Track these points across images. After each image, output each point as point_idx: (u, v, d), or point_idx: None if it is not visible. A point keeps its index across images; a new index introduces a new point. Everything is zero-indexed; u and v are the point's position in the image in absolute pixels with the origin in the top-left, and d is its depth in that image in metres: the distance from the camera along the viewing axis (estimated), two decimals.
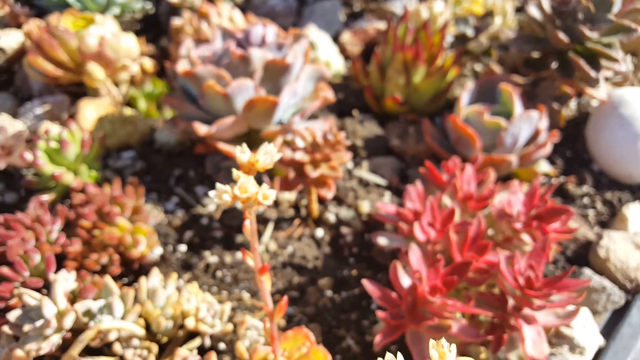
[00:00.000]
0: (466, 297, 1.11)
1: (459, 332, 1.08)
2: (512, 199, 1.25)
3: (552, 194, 1.67)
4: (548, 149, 1.61)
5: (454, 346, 0.60)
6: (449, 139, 1.71)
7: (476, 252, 1.16)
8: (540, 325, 1.11)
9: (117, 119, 1.64)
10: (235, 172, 0.78)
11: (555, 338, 1.27)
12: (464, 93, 1.66)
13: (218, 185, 0.76)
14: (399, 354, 0.61)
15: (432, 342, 0.58)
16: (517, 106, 1.61)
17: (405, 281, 1.10)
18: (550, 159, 1.76)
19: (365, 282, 1.10)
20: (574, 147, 1.83)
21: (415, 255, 1.09)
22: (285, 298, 0.94)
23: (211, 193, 0.76)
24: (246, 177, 0.78)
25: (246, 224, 0.86)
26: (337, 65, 1.96)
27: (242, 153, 0.80)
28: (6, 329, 1.11)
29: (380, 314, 1.06)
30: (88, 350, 1.15)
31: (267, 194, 0.78)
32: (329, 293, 1.33)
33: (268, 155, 0.80)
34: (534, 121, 1.58)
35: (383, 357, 1.23)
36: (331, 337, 1.25)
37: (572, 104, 1.97)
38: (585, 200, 1.65)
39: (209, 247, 1.40)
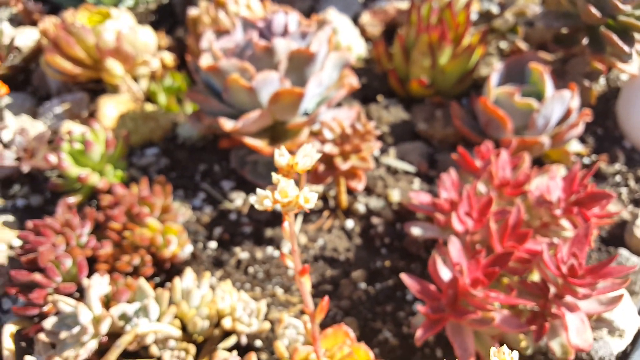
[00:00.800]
0: (507, 287, 1.09)
1: (501, 323, 1.05)
2: (550, 185, 1.21)
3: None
4: (580, 129, 1.56)
5: (515, 354, 0.57)
6: (478, 122, 1.67)
7: (516, 241, 1.13)
8: (584, 312, 1.09)
9: (138, 115, 1.62)
10: (274, 176, 0.76)
11: (595, 322, 1.24)
12: (493, 74, 1.61)
13: (259, 191, 0.73)
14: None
15: (493, 349, 0.55)
16: (549, 86, 1.56)
17: (445, 274, 1.08)
18: (581, 138, 1.71)
19: (404, 276, 1.08)
20: (604, 124, 1.77)
21: (455, 247, 1.06)
22: (326, 299, 0.92)
23: (252, 199, 0.74)
24: (286, 181, 0.75)
25: (285, 226, 0.84)
26: (358, 48, 1.92)
27: (281, 156, 0.78)
28: (42, 336, 1.11)
29: (420, 308, 1.04)
30: (125, 354, 1.14)
31: (308, 197, 0.75)
32: (362, 285, 1.31)
33: (308, 157, 0.77)
34: (566, 101, 1.53)
35: (422, 350, 1.22)
36: (367, 331, 1.23)
37: (601, 79, 1.91)
38: (618, 178, 1.61)
39: (239, 243, 1.38)
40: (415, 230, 1.30)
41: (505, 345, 0.59)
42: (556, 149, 1.62)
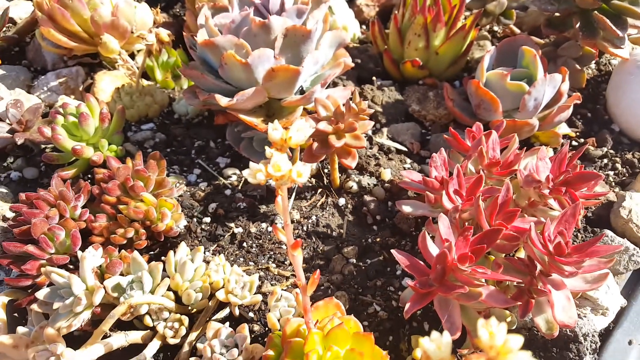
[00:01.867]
0: (495, 264, 1.12)
1: (487, 298, 1.08)
2: (539, 165, 1.24)
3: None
4: (570, 112, 1.58)
5: (503, 325, 0.60)
6: (470, 104, 1.69)
7: (504, 219, 1.15)
8: (569, 290, 1.12)
9: (134, 90, 1.62)
10: (267, 150, 0.77)
11: (579, 300, 1.28)
12: (486, 56, 1.62)
13: (252, 164, 0.75)
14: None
15: (481, 321, 0.57)
16: (540, 69, 1.58)
17: (434, 250, 1.11)
18: (570, 120, 1.74)
19: (394, 252, 1.11)
20: (593, 108, 1.80)
21: (444, 224, 1.09)
22: (317, 272, 0.94)
23: (245, 172, 0.75)
24: (279, 155, 0.77)
25: (278, 200, 0.86)
26: (353, 29, 1.92)
27: (274, 130, 0.79)
28: (35, 307, 1.13)
29: (409, 282, 1.07)
30: (119, 325, 1.16)
31: (301, 172, 0.77)
32: (353, 260, 1.34)
33: (301, 132, 0.79)
34: (557, 84, 1.56)
35: (410, 323, 1.25)
36: (358, 304, 1.26)
37: (592, 64, 1.93)
38: (605, 161, 1.64)
39: (233, 218, 1.40)
40: (406, 208, 1.32)
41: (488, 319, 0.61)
42: (545, 131, 1.65)
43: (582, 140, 1.71)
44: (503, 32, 2.08)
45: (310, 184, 1.51)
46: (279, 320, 1.09)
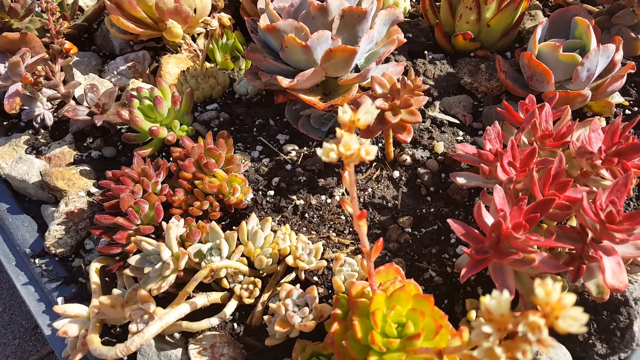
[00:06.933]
0: (547, 231, 1.18)
1: (540, 264, 1.14)
2: (592, 136, 1.27)
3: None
4: (623, 81, 1.59)
5: (558, 284, 0.66)
6: (522, 75, 1.72)
7: (557, 190, 1.20)
8: (620, 256, 1.17)
9: (199, 73, 1.73)
10: (338, 131, 0.85)
11: (630, 266, 1.32)
12: (538, 28, 1.64)
13: (324, 144, 0.83)
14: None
15: (538, 281, 0.62)
16: (593, 39, 1.59)
17: (489, 219, 1.17)
18: (624, 89, 1.74)
19: (450, 221, 1.18)
20: None
21: (499, 195, 1.15)
22: (381, 240, 1.03)
23: (318, 151, 0.84)
24: (349, 135, 0.85)
25: (345, 175, 0.94)
26: (404, 3, 1.96)
27: (344, 113, 0.87)
28: (127, 271, 1.27)
29: (465, 249, 1.14)
30: (200, 286, 1.30)
31: (369, 150, 0.85)
32: (409, 230, 1.42)
33: (369, 114, 0.87)
34: (610, 54, 1.56)
35: (464, 287, 1.33)
36: (414, 270, 1.35)
37: None
38: None
39: (295, 191, 1.50)
40: (460, 179, 1.39)
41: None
42: (598, 101, 1.66)
43: (635, 109, 1.71)
44: (555, 1, 2.07)
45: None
46: (343, 282, 1.19)
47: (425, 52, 1.88)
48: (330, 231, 1.43)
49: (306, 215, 1.46)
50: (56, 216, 1.48)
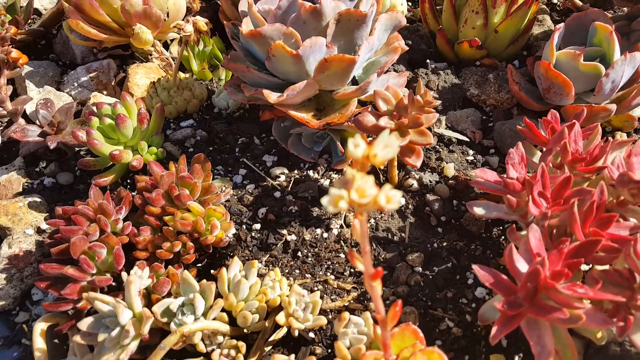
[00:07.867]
0: (591, 278, 0.99)
1: (587, 320, 0.95)
2: (634, 162, 1.09)
3: None
4: None
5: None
6: (536, 86, 1.53)
7: (599, 226, 1.01)
8: None
9: (171, 85, 1.50)
10: (348, 171, 0.64)
11: None
12: (555, 34, 1.46)
13: (332, 190, 0.62)
14: None
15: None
16: (617, 47, 1.42)
17: (522, 266, 0.98)
18: None
19: (476, 267, 0.98)
20: None
21: (534, 236, 0.96)
22: (399, 303, 0.82)
23: (323, 200, 0.62)
24: (363, 177, 0.63)
25: (355, 224, 0.73)
26: (402, 7, 1.77)
27: (356, 147, 0.66)
28: (78, 338, 1.03)
29: (498, 306, 0.94)
30: (169, 353, 1.07)
31: (390, 197, 0.63)
32: (419, 269, 1.22)
33: (389, 148, 0.66)
34: (636, 63, 1.40)
35: (485, 339, 1.13)
36: (428, 320, 1.14)
37: None
38: None
39: (285, 224, 1.29)
40: (479, 210, 1.19)
41: None
42: (619, 115, 1.49)
43: None
44: (563, 4, 1.90)
45: None
46: (348, 348, 0.97)
47: (428, 61, 1.68)
48: (328, 273, 1.22)
49: (299, 253, 1.24)
50: None
